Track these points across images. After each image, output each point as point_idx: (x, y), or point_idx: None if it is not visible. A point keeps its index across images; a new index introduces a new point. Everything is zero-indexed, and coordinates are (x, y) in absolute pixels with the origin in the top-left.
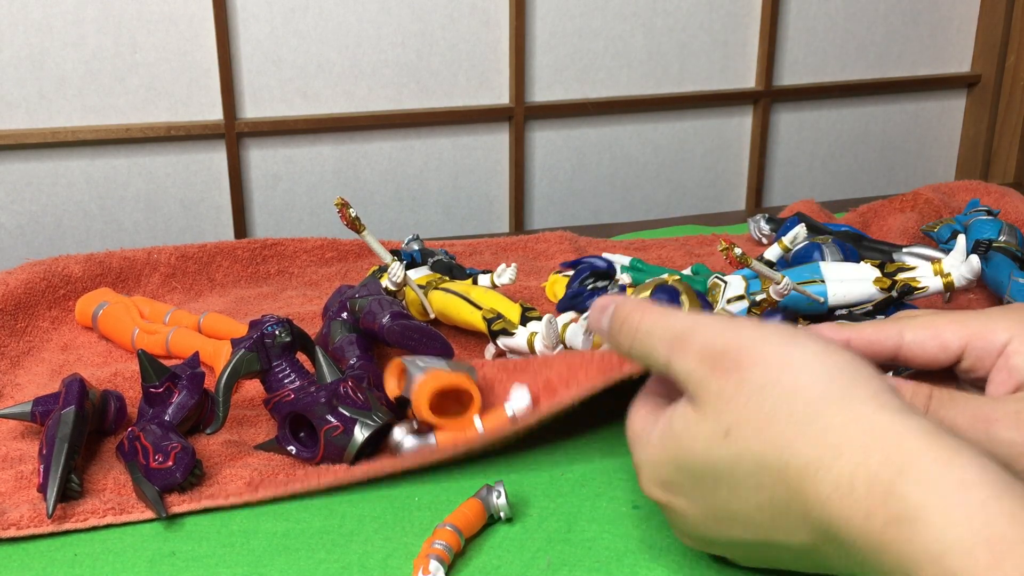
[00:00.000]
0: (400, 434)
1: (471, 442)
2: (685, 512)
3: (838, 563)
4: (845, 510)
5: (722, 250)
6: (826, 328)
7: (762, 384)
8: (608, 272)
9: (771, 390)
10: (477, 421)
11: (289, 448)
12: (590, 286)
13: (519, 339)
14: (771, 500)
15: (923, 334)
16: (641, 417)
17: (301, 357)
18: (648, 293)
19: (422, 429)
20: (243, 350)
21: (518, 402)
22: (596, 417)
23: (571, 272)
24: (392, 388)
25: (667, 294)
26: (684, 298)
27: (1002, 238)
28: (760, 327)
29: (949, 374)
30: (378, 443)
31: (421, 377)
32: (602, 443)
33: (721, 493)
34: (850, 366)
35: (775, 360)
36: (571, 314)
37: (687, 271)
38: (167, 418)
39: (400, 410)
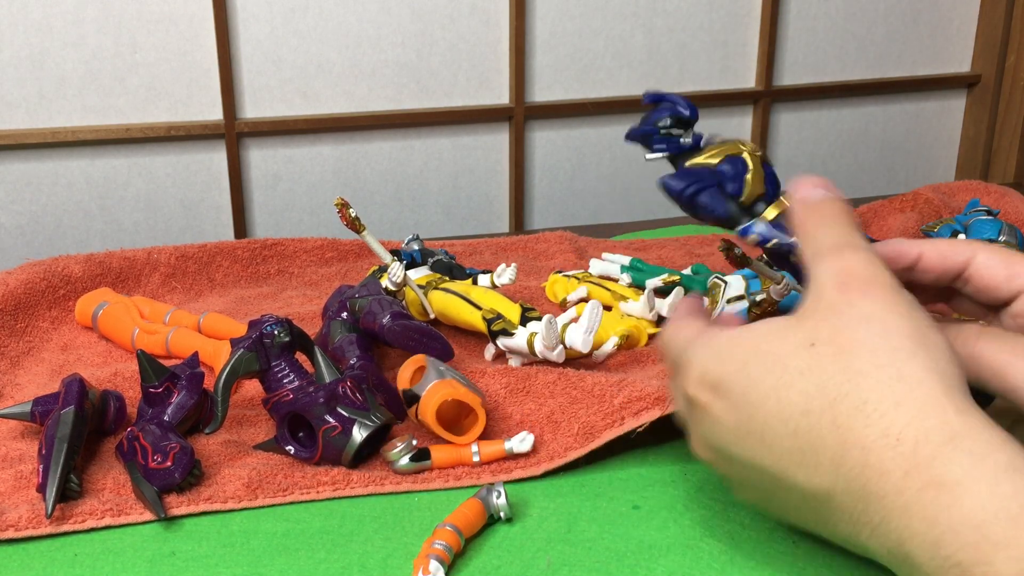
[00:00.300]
0: (397, 451)
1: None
2: (719, 418)
3: (840, 521)
4: (887, 461)
5: (722, 250)
6: (899, 243)
7: (868, 315)
8: (690, 120)
9: (872, 324)
10: (475, 449)
11: (288, 448)
12: (663, 131)
13: (519, 339)
14: (812, 428)
15: (996, 258)
16: (701, 325)
17: (300, 357)
18: (719, 160)
19: (420, 447)
20: (242, 350)
21: (519, 444)
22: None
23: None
24: (404, 380)
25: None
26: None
27: (1002, 238)
28: (884, 269)
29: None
30: (377, 443)
31: (437, 381)
32: (602, 443)
33: (768, 405)
34: (946, 352)
35: (888, 302)
36: (571, 314)
37: (687, 271)
38: (166, 418)
39: (400, 408)
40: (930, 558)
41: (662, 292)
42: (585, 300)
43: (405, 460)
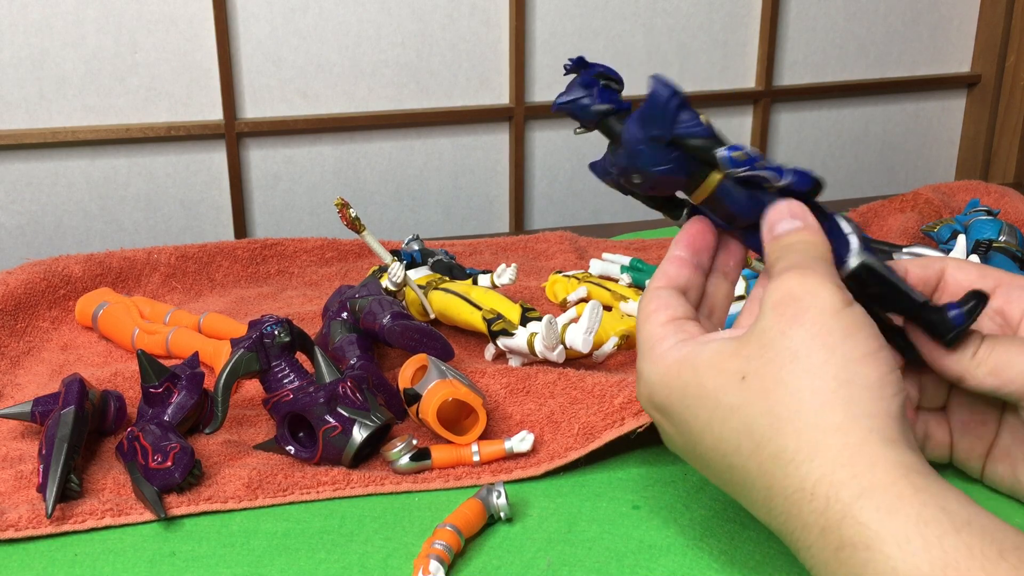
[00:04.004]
0: (397, 451)
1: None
2: (669, 436)
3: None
4: (805, 515)
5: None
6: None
7: (795, 351)
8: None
9: (797, 362)
10: (475, 449)
11: (288, 448)
12: (604, 83)
13: (519, 339)
14: (743, 468)
15: (965, 264)
16: (661, 325)
17: (300, 357)
18: None
19: (420, 446)
20: (242, 350)
21: (519, 444)
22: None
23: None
24: (406, 379)
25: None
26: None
27: (1002, 238)
28: (836, 288)
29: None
30: (377, 443)
31: (439, 380)
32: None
33: (706, 439)
34: (874, 388)
35: (819, 332)
36: (571, 314)
37: None
38: (166, 418)
39: (400, 408)
40: None
41: None
42: (585, 300)
43: (405, 460)
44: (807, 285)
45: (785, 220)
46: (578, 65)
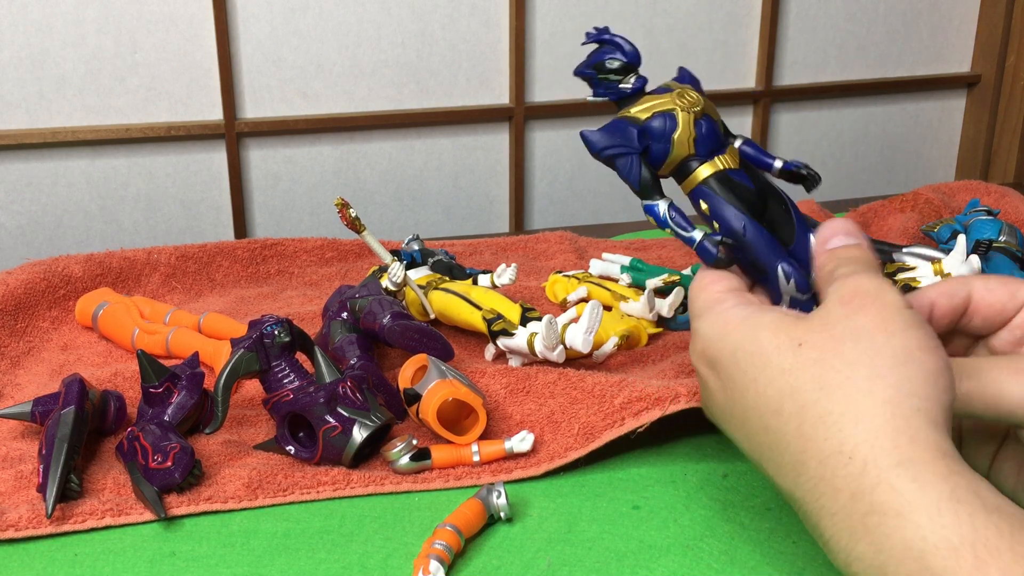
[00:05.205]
0: (397, 451)
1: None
2: (712, 391)
3: (804, 518)
4: (838, 479)
5: None
6: (913, 298)
7: (859, 329)
8: (630, 64)
9: (860, 340)
10: (475, 449)
11: (288, 448)
12: (601, 76)
13: (519, 339)
14: (780, 429)
15: (993, 281)
16: (720, 292)
17: (300, 357)
18: (648, 115)
19: (420, 446)
20: (242, 350)
21: (519, 444)
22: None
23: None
24: (406, 378)
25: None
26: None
27: (1002, 238)
28: (899, 292)
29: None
30: (377, 443)
31: (439, 380)
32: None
33: (748, 396)
34: (930, 376)
35: (885, 319)
36: (571, 314)
37: (687, 271)
38: (166, 418)
39: (400, 408)
40: None
41: (662, 292)
42: (585, 300)
43: (405, 460)
44: (875, 283)
45: (840, 236)
46: (595, 41)
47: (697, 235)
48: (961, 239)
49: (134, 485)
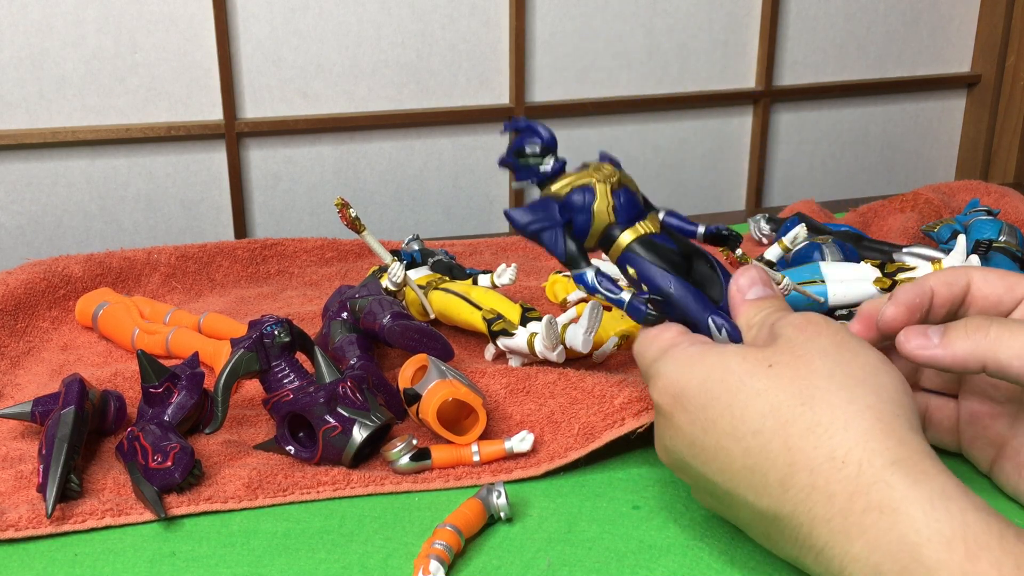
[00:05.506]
0: (397, 451)
1: (463, 477)
2: (679, 428)
3: (787, 543)
4: (832, 484)
5: (722, 250)
6: (915, 286)
7: (824, 348)
8: (548, 146)
9: (827, 355)
10: (475, 449)
11: (288, 448)
12: (522, 161)
13: (519, 340)
14: (762, 449)
15: (991, 275)
16: (672, 336)
17: (300, 357)
18: (567, 190)
19: (420, 446)
20: (242, 350)
21: (519, 443)
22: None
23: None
24: (405, 378)
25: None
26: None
27: (1002, 238)
28: (834, 320)
29: None
30: (377, 443)
31: (439, 380)
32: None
33: (723, 423)
34: (897, 385)
35: (842, 340)
36: (571, 314)
37: None
38: (166, 418)
39: (400, 408)
40: None
41: None
42: (585, 300)
43: (405, 460)
44: (815, 317)
45: (758, 287)
46: (513, 129)
47: (626, 296)
48: (961, 239)
49: (134, 485)
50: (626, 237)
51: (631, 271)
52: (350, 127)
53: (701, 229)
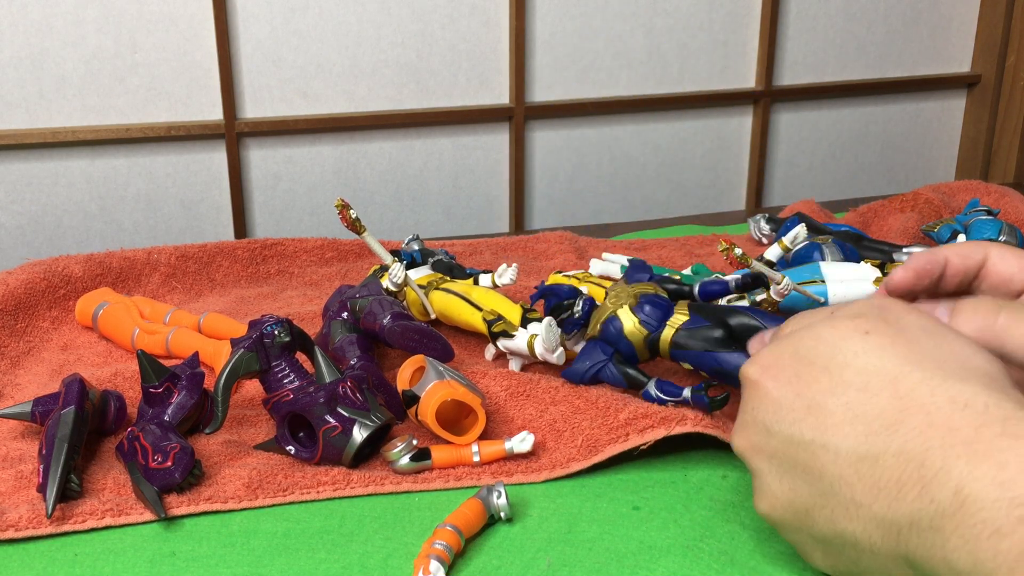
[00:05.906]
0: (397, 451)
1: (462, 477)
2: (768, 393)
3: (879, 489)
4: (955, 420)
5: (722, 250)
6: (929, 253)
7: (917, 321)
8: (568, 299)
9: (924, 326)
10: (475, 449)
11: (288, 448)
12: (564, 315)
13: (519, 341)
14: (868, 402)
15: (1008, 252)
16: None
17: (300, 357)
18: (599, 331)
19: (420, 447)
20: (242, 350)
21: (519, 444)
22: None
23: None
24: (404, 380)
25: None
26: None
27: (1002, 238)
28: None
29: None
30: (377, 443)
31: (437, 381)
32: (605, 457)
33: (820, 385)
34: (996, 361)
35: (929, 318)
36: None
37: (687, 271)
38: (166, 418)
39: (400, 408)
40: (994, 500)
41: None
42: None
43: (405, 460)
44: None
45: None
46: (541, 297)
47: (687, 393)
48: (961, 239)
49: (134, 485)
50: (665, 338)
51: (685, 365)
52: (350, 127)
53: (732, 283)
